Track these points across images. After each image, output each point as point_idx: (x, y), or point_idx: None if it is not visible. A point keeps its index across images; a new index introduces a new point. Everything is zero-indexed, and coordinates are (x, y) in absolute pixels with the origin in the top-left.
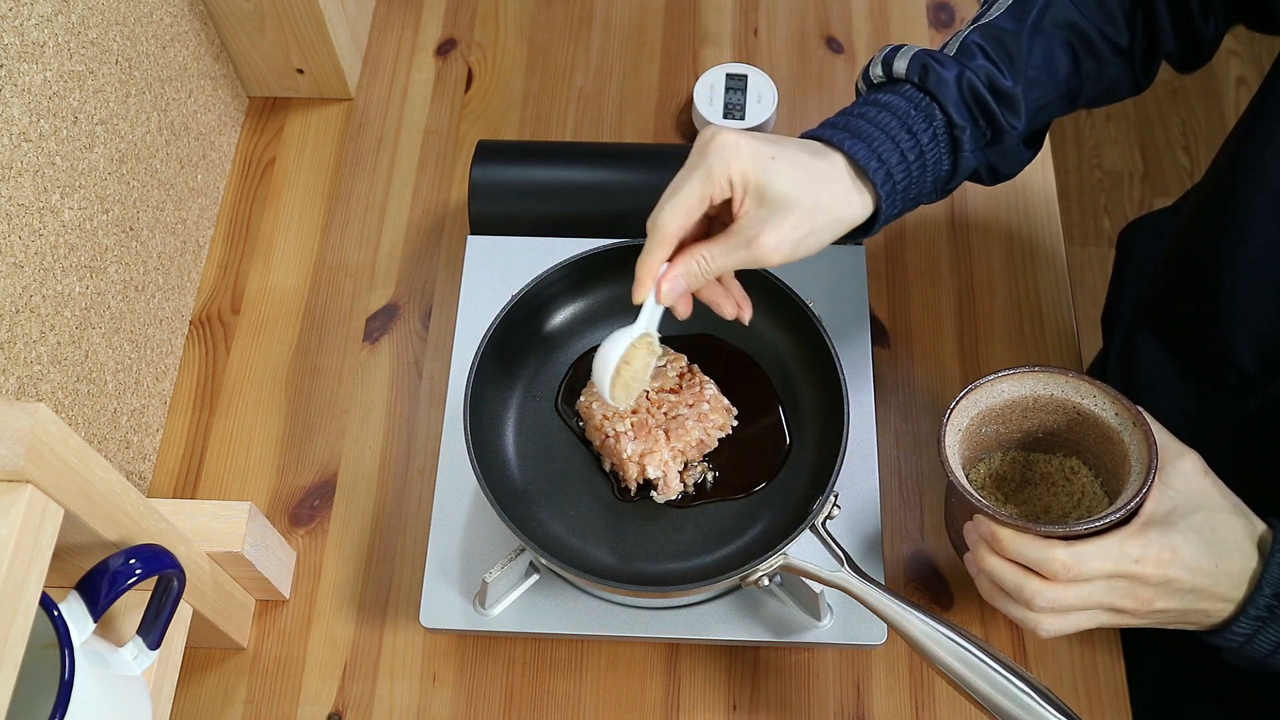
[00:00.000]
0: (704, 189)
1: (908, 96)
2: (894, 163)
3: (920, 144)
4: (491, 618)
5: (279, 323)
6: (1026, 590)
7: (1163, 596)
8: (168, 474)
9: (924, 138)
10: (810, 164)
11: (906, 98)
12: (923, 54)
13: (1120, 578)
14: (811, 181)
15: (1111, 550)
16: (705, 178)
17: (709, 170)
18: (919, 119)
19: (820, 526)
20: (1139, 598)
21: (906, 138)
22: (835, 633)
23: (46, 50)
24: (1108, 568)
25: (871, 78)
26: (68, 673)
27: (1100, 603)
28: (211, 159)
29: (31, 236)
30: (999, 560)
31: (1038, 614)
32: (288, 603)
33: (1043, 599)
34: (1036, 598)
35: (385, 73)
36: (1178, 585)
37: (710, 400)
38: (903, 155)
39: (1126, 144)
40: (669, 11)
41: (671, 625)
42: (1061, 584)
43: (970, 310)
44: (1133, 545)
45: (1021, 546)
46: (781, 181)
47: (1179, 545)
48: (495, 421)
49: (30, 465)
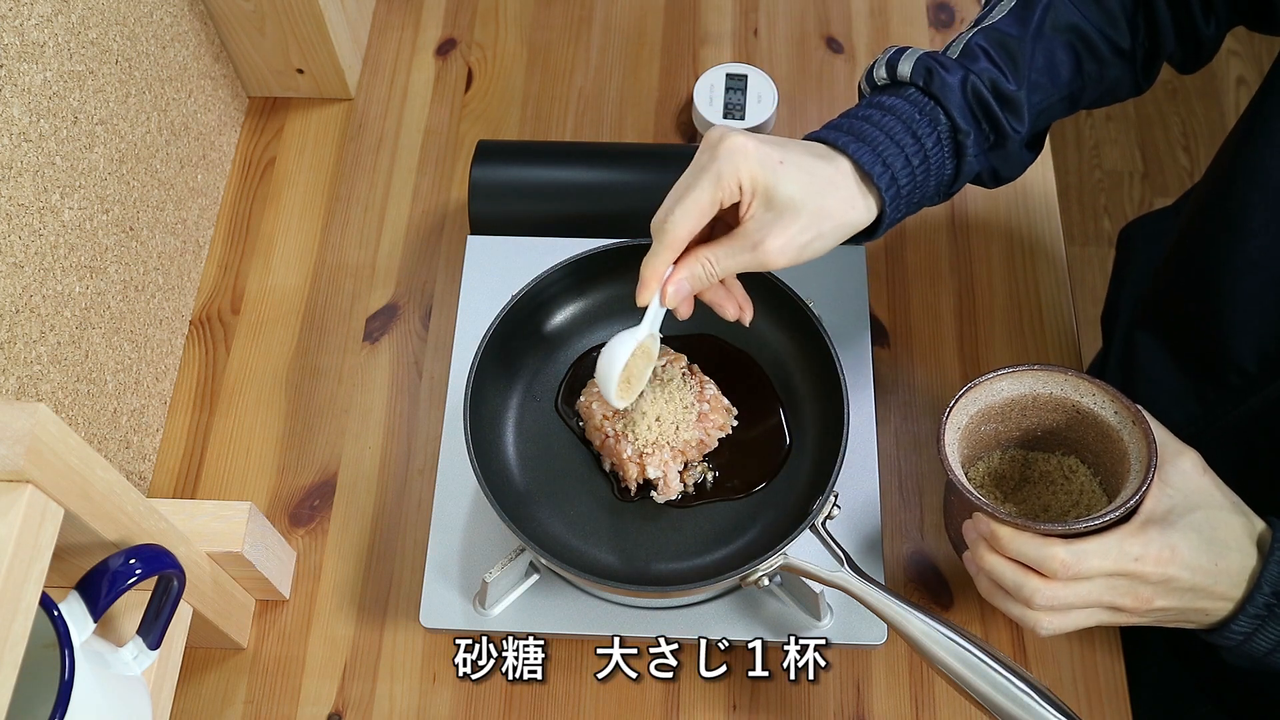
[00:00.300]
0: (714, 193)
1: (912, 100)
2: (898, 167)
3: (925, 148)
4: (491, 618)
5: (279, 323)
6: (1026, 589)
7: (1162, 595)
8: (168, 474)
9: (928, 142)
10: (816, 168)
11: (911, 101)
12: (927, 57)
13: (1120, 576)
14: (818, 186)
15: (1111, 549)
16: (716, 181)
17: (719, 174)
18: (923, 123)
19: (820, 526)
20: (1138, 596)
21: (911, 142)
22: (835, 633)
23: (46, 50)
24: (1107, 566)
25: (875, 79)
26: (68, 673)
27: (1099, 601)
28: (211, 159)
29: (31, 236)
30: (998, 558)
31: (1037, 612)
32: (288, 603)
33: (1042, 597)
34: (1036, 596)
35: (385, 73)
36: (1177, 584)
37: (710, 400)
38: (907, 160)
39: (1126, 144)
40: (669, 11)
41: (672, 625)
42: (1061, 582)
43: (970, 310)
44: (1132, 544)
45: (1021, 545)
46: (789, 186)
47: (1178, 544)
48: (495, 421)
49: (30, 465)
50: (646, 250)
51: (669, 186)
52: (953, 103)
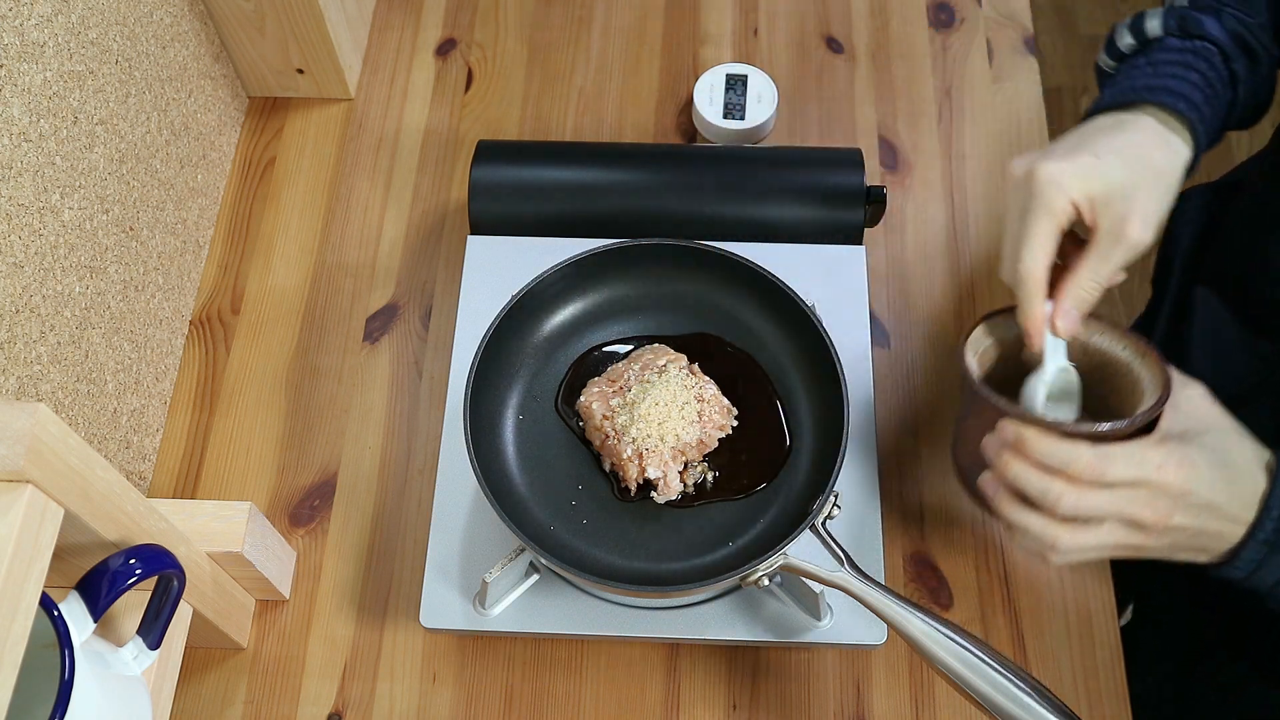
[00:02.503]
0: (1052, 226)
1: (1175, 48)
2: (1198, 99)
3: (1207, 78)
4: (491, 618)
5: (279, 323)
6: (1051, 492)
7: (1180, 510)
8: (168, 474)
9: (1210, 74)
10: (1125, 141)
11: (1175, 49)
12: (1173, 10)
13: (1142, 486)
14: (1138, 155)
15: (1135, 453)
16: (1050, 216)
17: (1049, 209)
18: (1198, 60)
19: (820, 526)
20: (1157, 509)
21: (1195, 74)
22: (835, 633)
23: (46, 50)
24: (1130, 472)
25: (1122, 48)
26: (68, 673)
27: (1121, 513)
28: (211, 159)
29: (31, 236)
30: (1024, 464)
31: (1057, 528)
32: (288, 603)
33: (1067, 500)
34: (1062, 499)
35: (385, 73)
36: (1195, 499)
37: (710, 400)
38: (1196, 87)
39: None
40: (669, 11)
41: (671, 625)
42: (1085, 487)
43: (971, 310)
44: (1154, 453)
45: (1049, 445)
46: (1116, 173)
47: (1196, 458)
48: (495, 421)
49: (30, 465)
50: (646, 250)
51: (669, 186)
52: (1218, 36)
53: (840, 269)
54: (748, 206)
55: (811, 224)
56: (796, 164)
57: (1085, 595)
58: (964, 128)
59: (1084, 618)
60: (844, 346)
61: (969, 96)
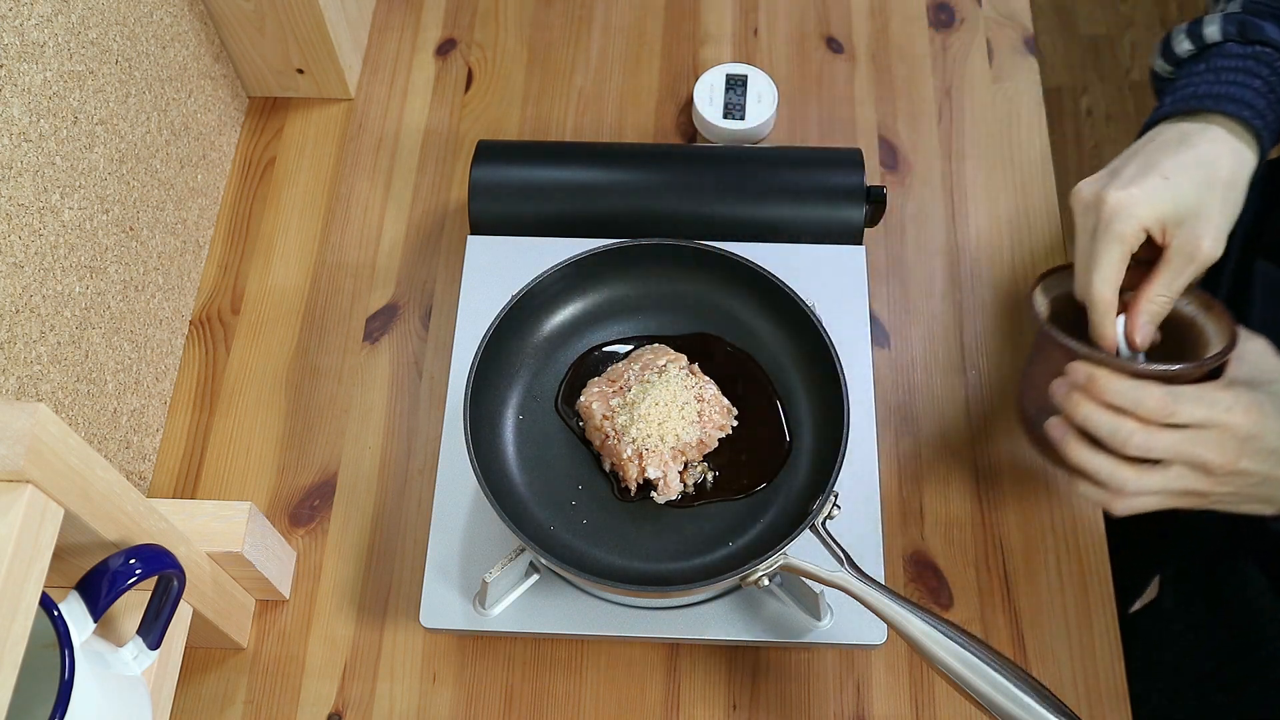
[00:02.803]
0: (1123, 251)
1: (1234, 53)
2: (1262, 106)
3: (1270, 84)
4: (491, 618)
5: (279, 323)
6: (1121, 432)
7: (1247, 454)
8: (168, 474)
9: (1272, 80)
10: (1194, 157)
11: (1237, 54)
12: (1230, 16)
13: (1211, 427)
14: (1205, 170)
15: (1204, 395)
16: (1120, 242)
17: (1120, 237)
18: (1261, 67)
19: (820, 526)
20: (1225, 451)
21: (1258, 81)
22: (835, 633)
23: (46, 50)
24: (1200, 413)
25: (1180, 54)
26: (68, 673)
27: (1189, 455)
28: (211, 159)
29: (31, 236)
30: (1093, 405)
31: (1125, 469)
32: (288, 603)
33: (1137, 440)
34: (1132, 438)
35: (385, 73)
36: (1262, 443)
37: (710, 400)
38: (1260, 94)
39: (1127, 144)
40: (669, 11)
41: (671, 625)
42: (1155, 428)
43: (971, 310)
44: (1223, 395)
45: (1120, 385)
46: (1186, 192)
47: (1264, 403)
48: (495, 421)
49: (30, 465)
50: (646, 250)
51: (669, 186)
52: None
53: (840, 269)
54: (748, 206)
55: (811, 224)
56: (796, 164)
57: (1085, 595)
58: (964, 127)
59: (1084, 618)
60: (844, 346)
61: (969, 96)
